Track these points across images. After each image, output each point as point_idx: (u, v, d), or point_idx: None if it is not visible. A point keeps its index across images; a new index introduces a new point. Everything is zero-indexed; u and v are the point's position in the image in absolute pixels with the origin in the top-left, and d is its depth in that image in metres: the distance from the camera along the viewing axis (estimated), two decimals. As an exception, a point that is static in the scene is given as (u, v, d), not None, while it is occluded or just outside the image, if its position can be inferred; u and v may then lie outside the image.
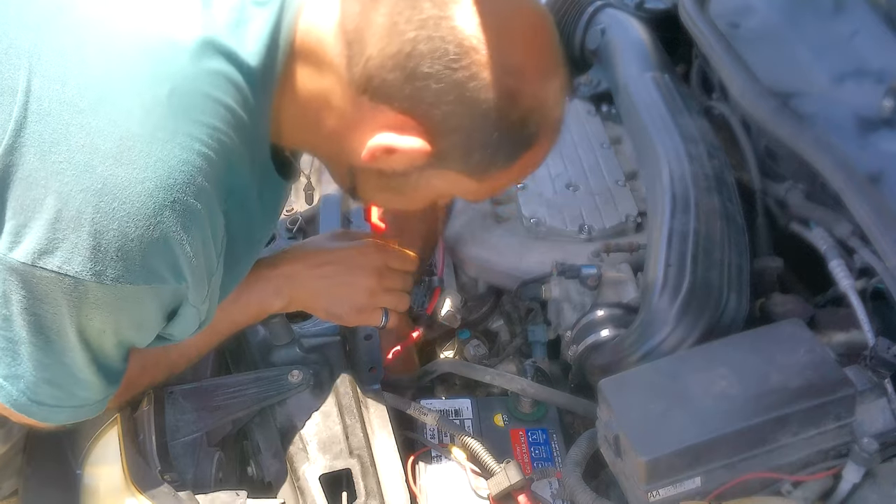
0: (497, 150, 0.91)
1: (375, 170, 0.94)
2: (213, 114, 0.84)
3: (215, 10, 0.87)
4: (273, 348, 1.21)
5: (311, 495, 1.03)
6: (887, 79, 1.26)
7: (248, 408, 1.12)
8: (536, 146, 0.94)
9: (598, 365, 1.15)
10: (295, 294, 1.14)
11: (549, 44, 0.92)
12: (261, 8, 0.89)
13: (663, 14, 1.80)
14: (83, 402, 0.97)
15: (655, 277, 1.14)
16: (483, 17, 0.86)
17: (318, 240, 1.26)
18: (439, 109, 0.87)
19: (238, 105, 0.87)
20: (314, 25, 0.91)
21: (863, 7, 1.40)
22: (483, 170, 0.94)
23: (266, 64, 0.89)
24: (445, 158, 0.91)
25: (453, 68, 0.85)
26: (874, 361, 0.97)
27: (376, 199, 1.07)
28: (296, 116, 0.95)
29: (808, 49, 1.42)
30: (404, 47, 0.85)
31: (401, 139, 0.89)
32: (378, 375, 1.20)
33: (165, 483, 0.98)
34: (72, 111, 0.79)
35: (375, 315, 1.17)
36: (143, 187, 0.80)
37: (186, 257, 0.85)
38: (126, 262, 0.81)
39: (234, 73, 0.86)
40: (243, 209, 0.96)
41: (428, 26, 0.84)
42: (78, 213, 0.79)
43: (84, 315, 0.85)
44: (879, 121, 1.24)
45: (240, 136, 0.88)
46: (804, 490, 0.94)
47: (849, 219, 1.15)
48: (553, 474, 1.10)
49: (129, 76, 0.81)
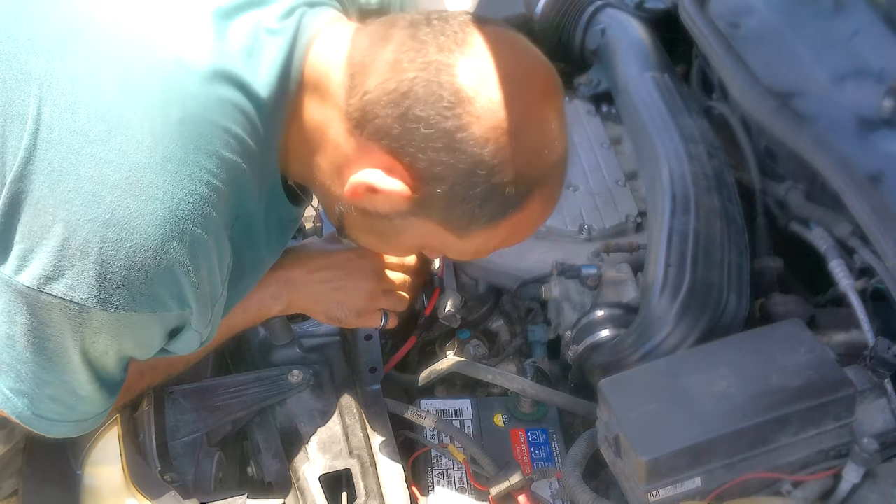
0: (480, 208, 0.89)
1: (360, 208, 0.93)
2: (223, 143, 0.84)
3: (229, 37, 0.87)
4: (273, 348, 1.21)
5: (311, 495, 1.03)
6: (887, 79, 1.26)
7: (248, 408, 1.12)
8: (525, 211, 0.91)
9: (598, 365, 1.15)
10: (293, 298, 1.14)
11: (552, 110, 0.90)
12: (274, 37, 0.89)
13: (663, 14, 1.80)
14: (84, 417, 0.98)
15: (655, 277, 1.14)
16: (487, 70, 0.85)
17: (315, 243, 1.25)
18: (426, 155, 0.85)
19: (247, 134, 0.87)
20: (324, 56, 0.91)
21: (863, 7, 1.40)
22: (464, 225, 0.92)
23: (277, 94, 0.89)
24: (427, 207, 0.90)
25: (445, 116, 0.84)
26: (874, 361, 0.97)
27: (361, 240, 1.04)
28: (298, 147, 0.95)
29: (808, 49, 1.42)
30: (401, 86, 0.84)
31: (384, 179, 0.88)
32: (378, 375, 1.20)
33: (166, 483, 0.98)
34: (81, 140, 0.79)
35: (375, 317, 1.17)
36: (151, 219, 0.80)
37: (192, 286, 0.85)
38: (131, 290, 0.82)
39: (244, 103, 0.86)
40: (250, 233, 0.96)
41: (429, 70, 0.84)
42: (85, 242, 0.79)
43: (87, 339, 0.86)
44: (879, 121, 1.24)
45: (248, 165, 0.88)
46: (804, 490, 0.94)
47: (849, 219, 1.15)
48: (553, 474, 1.10)
49: (141, 104, 0.82)
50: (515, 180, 0.87)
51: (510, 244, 1.00)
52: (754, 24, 1.55)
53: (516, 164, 0.87)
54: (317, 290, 1.14)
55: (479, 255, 1.00)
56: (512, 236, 0.97)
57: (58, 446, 1.09)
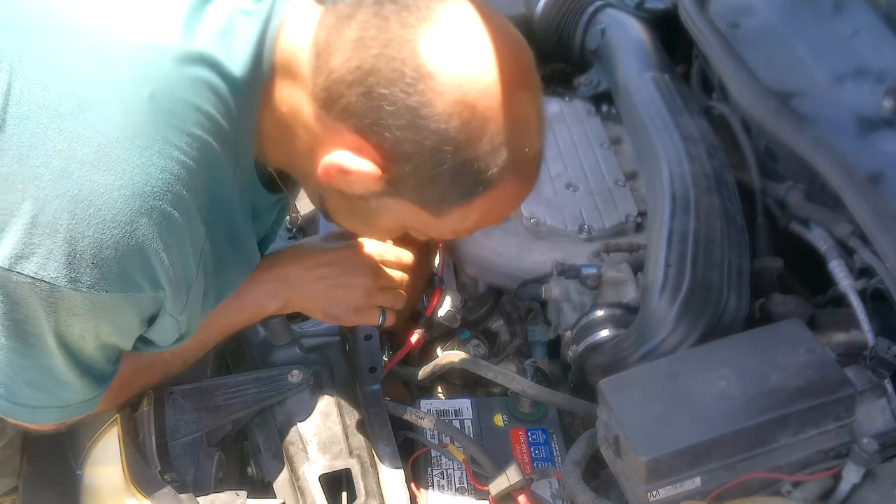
0: (451, 186, 0.88)
1: (337, 191, 0.92)
2: (194, 122, 0.84)
3: (205, 19, 0.86)
4: (273, 348, 1.21)
5: (311, 495, 1.03)
6: (887, 79, 1.26)
7: (248, 408, 1.12)
8: (499, 188, 0.89)
9: (598, 365, 1.15)
10: (291, 296, 1.14)
11: (522, 84, 0.87)
12: (249, 17, 0.89)
13: (663, 14, 1.80)
14: (67, 403, 0.96)
15: (655, 277, 1.14)
16: (451, 45, 0.84)
17: (313, 241, 1.25)
18: (392, 134, 0.84)
19: (220, 114, 0.86)
20: (294, 37, 0.90)
21: (863, 7, 1.40)
22: (437, 204, 0.91)
23: (251, 74, 0.88)
24: (399, 186, 0.89)
25: (407, 92, 0.82)
26: (874, 361, 0.97)
27: (343, 222, 1.03)
28: (274, 131, 0.94)
29: (808, 49, 1.42)
30: (364, 64, 0.83)
31: (353, 160, 0.87)
32: (378, 375, 1.20)
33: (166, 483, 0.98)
34: (51, 115, 0.79)
35: (373, 314, 1.17)
36: (119, 194, 0.79)
37: (163, 266, 0.84)
38: (102, 269, 0.80)
39: (217, 82, 0.85)
40: (229, 220, 0.95)
41: (391, 46, 0.83)
42: (54, 218, 0.78)
43: (62, 321, 0.84)
44: (879, 121, 1.24)
45: (221, 146, 0.87)
46: (804, 490, 0.94)
47: (849, 219, 1.15)
48: (553, 474, 1.10)
49: (111, 80, 0.81)
50: (485, 157, 0.86)
51: (489, 222, 0.98)
52: (754, 24, 1.55)
53: (484, 140, 0.85)
54: (314, 287, 1.14)
55: (460, 235, 0.99)
56: (489, 214, 0.94)
57: (58, 446, 1.09)
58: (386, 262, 1.20)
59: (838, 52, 1.38)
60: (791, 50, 1.44)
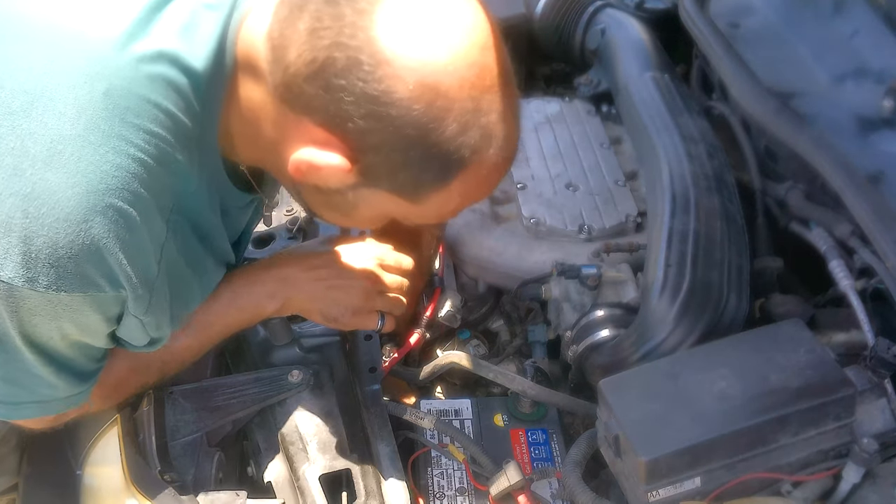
0: (423, 171, 0.85)
1: (312, 186, 0.90)
2: (152, 118, 0.82)
3: (166, 12, 0.85)
4: (273, 348, 1.21)
5: (311, 495, 1.03)
6: (887, 79, 1.26)
7: (248, 408, 1.12)
8: (474, 168, 0.86)
9: (598, 365, 1.15)
10: (289, 297, 1.13)
11: (484, 56, 0.83)
12: (212, 11, 0.87)
13: (663, 14, 1.80)
14: (46, 398, 0.95)
15: (655, 277, 1.14)
16: (407, 26, 0.80)
17: (313, 243, 1.25)
18: (355, 125, 0.82)
19: (181, 111, 0.84)
20: (254, 31, 0.88)
21: (863, 7, 1.40)
22: (413, 191, 0.88)
23: (213, 70, 0.86)
24: (371, 177, 0.87)
25: (366, 81, 0.79)
26: (874, 361, 0.97)
27: (324, 215, 1.01)
28: (241, 128, 0.91)
29: (808, 49, 1.42)
30: (319, 55, 0.80)
31: (320, 155, 0.85)
32: (378, 375, 1.20)
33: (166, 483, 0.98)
34: (3, 112, 0.77)
35: (371, 318, 1.16)
36: (73, 192, 0.77)
37: (120, 265, 0.82)
38: (58, 269, 0.79)
39: (178, 78, 0.84)
40: (196, 220, 0.93)
41: (344, 34, 0.79)
42: (8, 217, 0.77)
43: (25, 321, 0.83)
44: (879, 121, 1.24)
45: (182, 144, 0.85)
46: (804, 490, 0.94)
47: (849, 219, 1.15)
48: (553, 474, 1.10)
49: (65, 77, 0.79)
50: (454, 138, 0.83)
51: (474, 201, 0.95)
52: (754, 24, 1.55)
53: (451, 121, 0.82)
54: (313, 288, 1.14)
55: (444, 219, 0.97)
56: (470, 194, 0.92)
57: (58, 446, 1.09)
58: (386, 266, 1.19)
59: (838, 52, 1.38)
60: (791, 50, 1.44)
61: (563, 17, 1.89)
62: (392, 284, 1.18)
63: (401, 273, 1.21)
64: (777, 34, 1.49)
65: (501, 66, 0.85)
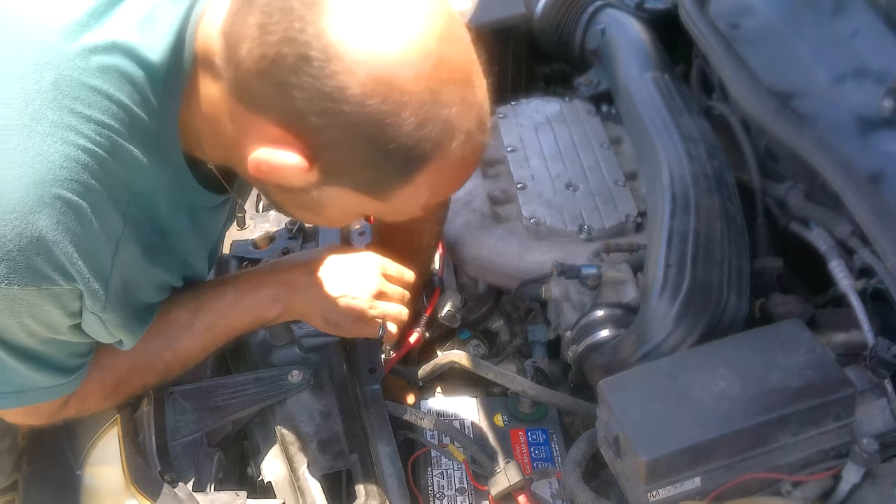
0: (385, 167, 0.82)
1: (276, 185, 0.87)
2: (103, 109, 0.79)
3: (126, 3, 0.82)
4: (273, 348, 1.21)
5: (311, 495, 1.03)
6: (887, 79, 1.26)
7: (248, 408, 1.12)
8: (440, 159, 0.83)
9: (598, 365, 1.15)
10: (292, 301, 1.13)
11: (442, 46, 0.80)
12: (172, 4, 0.85)
13: (663, 14, 1.80)
14: (24, 388, 0.94)
15: (655, 278, 1.14)
16: (358, 17, 0.77)
17: (316, 251, 1.25)
18: (309, 123, 0.79)
19: (135, 104, 0.82)
20: (211, 26, 0.85)
21: (863, 7, 1.40)
22: (378, 188, 0.86)
23: (171, 64, 0.83)
24: (333, 175, 0.84)
25: (317, 77, 0.76)
26: (874, 361, 0.97)
27: (295, 214, 0.99)
28: (204, 127, 0.89)
29: (808, 49, 1.42)
30: (269, 51, 0.77)
31: (277, 154, 0.81)
32: (378, 375, 1.20)
33: (165, 483, 0.98)
34: None
35: (373, 325, 1.15)
36: (19, 183, 0.75)
37: (69, 258, 0.80)
38: (8, 262, 0.77)
39: (134, 70, 0.81)
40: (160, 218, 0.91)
41: (293, 28, 0.76)
42: None
43: None
44: (879, 121, 1.24)
45: (137, 137, 0.83)
46: (804, 490, 0.95)
47: (849, 219, 1.15)
48: (553, 474, 1.10)
49: (12, 66, 0.77)
50: (413, 132, 0.79)
51: (446, 194, 0.93)
52: (754, 24, 1.55)
53: (408, 115, 0.78)
54: (315, 294, 1.14)
55: (418, 214, 0.93)
56: (440, 187, 0.89)
57: (58, 446, 1.09)
58: (389, 276, 1.19)
59: (838, 52, 1.38)
60: (791, 50, 1.44)
61: (562, 17, 1.89)
62: (394, 295, 1.18)
63: (403, 285, 1.21)
64: (777, 34, 1.49)
65: (463, 56, 0.83)
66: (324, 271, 1.15)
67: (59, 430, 1.06)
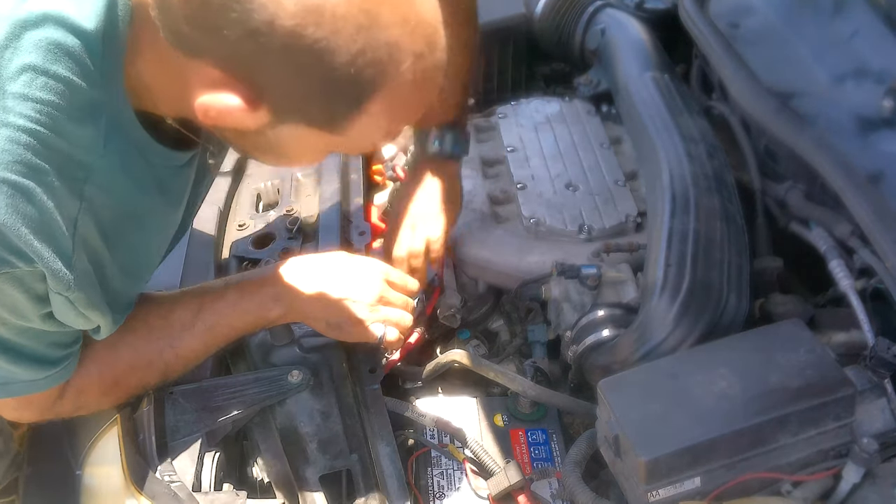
0: (333, 99, 0.80)
1: (231, 130, 0.86)
2: (40, 86, 0.78)
3: None
4: (273, 348, 1.21)
5: (310, 495, 1.03)
6: (887, 79, 1.26)
7: (248, 408, 1.12)
8: (388, 87, 0.80)
9: (598, 365, 1.15)
10: (294, 302, 1.13)
11: None
12: None
13: (663, 14, 1.80)
14: (7, 381, 0.94)
15: (655, 277, 1.14)
16: None
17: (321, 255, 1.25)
18: (245, 61, 0.77)
19: (75, 75, 0.80)
20: None
21: (863, 7, 1.40)
22: (330, 121, 0.83)
23: (106, 25, 0.81)
24: (283, 113, 0.81)
25: (243, 12, 0.73)
26: (874, 361, 0.97)
27: (259, 158, 0.95)
28: (153, 81, 0.87)
29: (808, 49, 1.42)
30: None
31: (220, 98, 0.79)
32: (378, 375, 1.20)
33: (165, 483, 0.98)
34: None
35: (374, 330, 1.16)
36: None
37: (24, 240, 0.79)
38: None
39: (68, 40, 0.79)
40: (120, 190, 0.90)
41: None
42: None
43: None
44: (879, 121, 1.24)
45: (83, 109, 0.82)
46: (804, 490, 0.95)
47: (849, 219, 1.15)
48: (553, 474, 1.10)
49: None
50: (353, 59, 0.76)
51: (403, 123, 0.89)
52: (754, 24, 1.55)
53: (345, 39, 0.75)
54: (317, 295, 1.14)
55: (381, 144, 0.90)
56: (396, 117, 0.86)
57: (58, 446, 1.09)
58: (392, 283, 1.19)
59: (838, 52, 1.38)
60: (791, 50, 1.44)
61: (562, 17, 1.89)
62: (396, 301, 1.18)
63: (406, 292, 1.20)
64: (777, 34, 1.49)
65: None
66: (327, 275, 1.15)
67: (59, 430, 1.06)
